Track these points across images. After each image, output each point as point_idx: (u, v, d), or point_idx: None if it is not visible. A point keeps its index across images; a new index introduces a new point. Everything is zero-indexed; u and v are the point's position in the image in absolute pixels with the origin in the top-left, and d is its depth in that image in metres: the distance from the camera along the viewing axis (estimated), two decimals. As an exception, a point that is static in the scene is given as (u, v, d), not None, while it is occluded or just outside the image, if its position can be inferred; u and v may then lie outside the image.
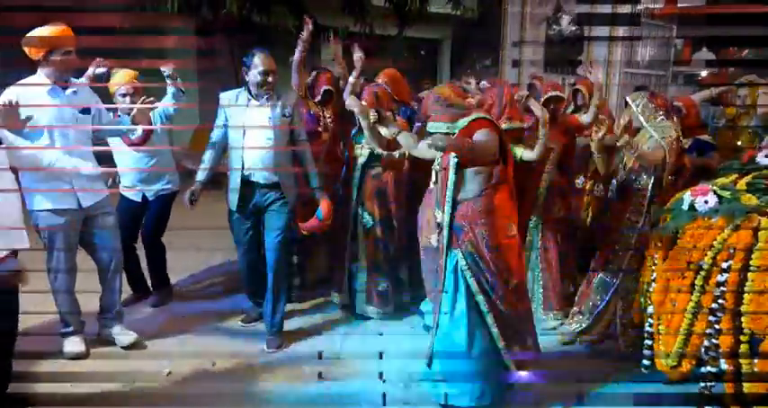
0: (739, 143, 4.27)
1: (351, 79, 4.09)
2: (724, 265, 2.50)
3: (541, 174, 3.87)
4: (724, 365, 2.49)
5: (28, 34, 3.02)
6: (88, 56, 3.58)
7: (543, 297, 3.93)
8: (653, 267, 2.98)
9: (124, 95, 3.73)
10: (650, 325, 3.00)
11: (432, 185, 3.51)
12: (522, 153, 3.56)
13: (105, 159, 3.88)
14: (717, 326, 2.51)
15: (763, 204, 2.57)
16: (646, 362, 3.02)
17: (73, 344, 3.34)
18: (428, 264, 3.37)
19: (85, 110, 3.22)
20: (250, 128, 3.37)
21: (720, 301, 2.49)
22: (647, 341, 3.03)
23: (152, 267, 4.14)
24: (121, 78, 3.78)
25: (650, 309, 2.97)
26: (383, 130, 3.33)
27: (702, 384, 2.60)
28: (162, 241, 4.13)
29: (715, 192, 2.76)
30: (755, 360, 2.38)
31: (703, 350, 2.59)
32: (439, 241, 2.91)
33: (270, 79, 3.34)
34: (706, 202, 2.73)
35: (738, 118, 4.45)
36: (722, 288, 2.49)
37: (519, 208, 2.96)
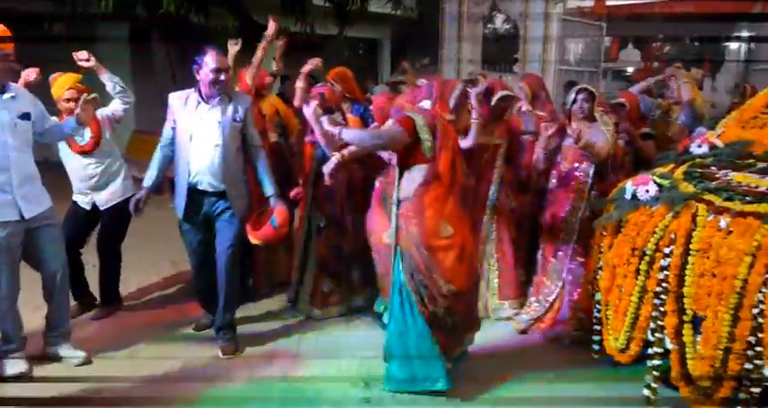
0: (669, 134, 4.49)
1: (298, 84, 4.05)
2: (666, 250, 2.61)
3: (494, 169, 3.96)
4: (669, 345, 2.60)
5: None
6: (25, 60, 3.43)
7: (498, 286, 4.02)
8: (599, 255, 3.08)
9: (68, 100, 3.58)
10: (599, 311, 3.09)
11: (377, 184, 3.58)
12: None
13: (54, 166, 3.77)
14: (661, 308, 2.62)
15: (700, 191, 2.68)
16: (596, 347, 3.14)
17: (14, 364, 3.14)
18: (381, 265, 3.46)
19: (25, 116, 3.05)
20: (198, 132, 3.26)
21: (664, 284, 2.60)
22: (597, 326, 3.15)
23: (104, 278, 3.97)
24: (64, 82, 3.61)
25: (598, 296, 3.07)
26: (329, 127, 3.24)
27: (650, 363, 2.73)
28: (118, 251, 3.96)
29: (655, 181, 2.89)
30: (698, 338, 2.49)
31: (650, 332, 2.70)
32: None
33: (222, 77, 3.23)
34: (647, 191, 2.84)
35: (671, 109, 4.68)
36: (665, 272, 2.59)
37: (475, 202, 3.02)
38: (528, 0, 11.50)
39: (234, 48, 3.91)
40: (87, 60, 3.55)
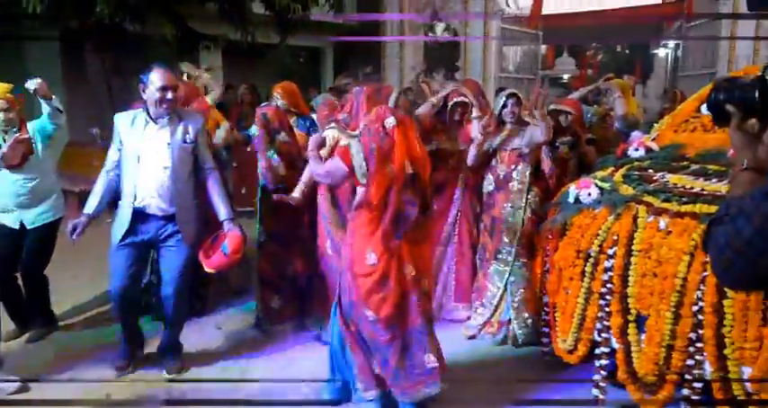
0: (607, 138, 4.64)
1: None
2: (609, 251, 2.68)
3: (459, 174, 4.07)
4: (615, 344, 2.66)
5: None
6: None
7: (455, 289, 4.07)
8: (546, 258, 3.15)
9: None
10: (546, 314, 3.17)
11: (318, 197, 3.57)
12: None
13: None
14: (607, 309, 2.68)
15: (639, 193, 2.78)
16: (545, 349, 3.19)
17: None
18: (329, 275, 3.45)
19: None
20: (146, 154, 3.10)
21: (608, 285, 2.66)
22: (545, 329, 3.22)
23: (32, 302, 3.76)
24: None
25: (546, 298, 3.14)
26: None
27: (597, 363, 2.79)
28: (44, 274, 3.75)
29: (596, 185, 2.98)
30: (643, 337, 2.57)
31: (596, 332, 2.76)
32: None
33: (169, 96, 3.06)
34: (589, 194, 2.93)
35: (607, 115, 4.84)
36: (609, 273, 2.66)
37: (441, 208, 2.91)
38: (468, 8, 11.74)
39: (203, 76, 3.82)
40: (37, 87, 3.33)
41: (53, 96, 3.45)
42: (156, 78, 3.06)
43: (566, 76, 20.28)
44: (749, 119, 1.29)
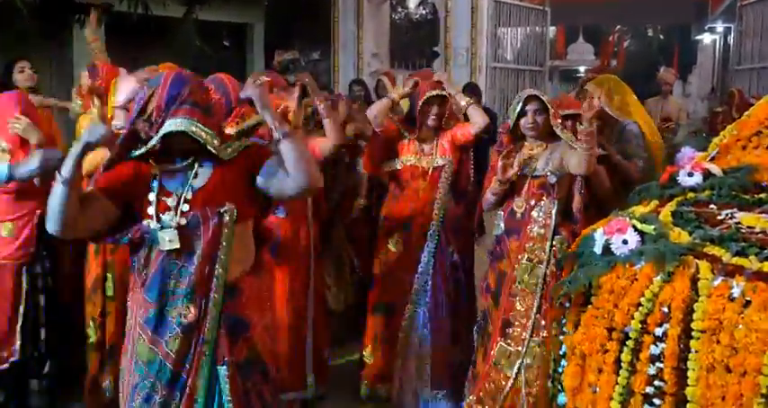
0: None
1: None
2: (658, 331, 2.48)
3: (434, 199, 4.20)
4: (668, 472, 2.47)
5: None
6: None
7: (432, 373, 4.11)
8: (561, 337, 2.94)
9: None
10: (563, 419, 3.01)
11: None
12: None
13: None
14: (655, 418, 2.53)
15: (699, 242, 2.59)
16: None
17: None
18: None
19: None
20: None
21: (657, 383, 2.47)
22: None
23: None
24: None
25: (562, 398, 2.92)
26: None
27: None
28: None
29: (635, 227, 2.76)
30: (710, 465, 2.36)
31: (639, 452, 2.59)
32: None
33: None
34: (625, 242, 2.71)
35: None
36: (658, 365, 2.47)
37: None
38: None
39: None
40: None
41: None
42: None
43: (582, 69, 20.68)
44: None
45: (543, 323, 3.54)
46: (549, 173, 3.63)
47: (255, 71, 5.81)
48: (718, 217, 2.79)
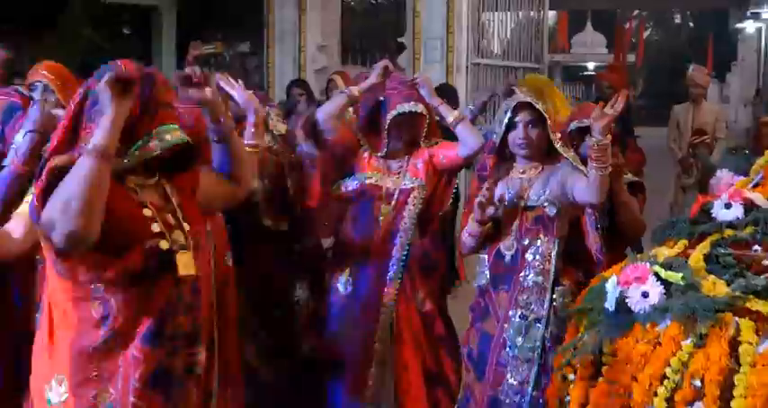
0: None
1: None
2: None
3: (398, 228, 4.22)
4: None
5: None
6: None
7: None
8: None
9: None
10: None
11: None
12: None
13: None
14: None
15: (739, 294, 2.55)
16: None
17: None
18: None
19: None
20: None
21: None
22: None
23: None
24: None
25: None
26: None
27: None
28: None
29: (658, 275, 2.75)
30: None
31: None
32: None
33: None
34: (645, 295, 2.71)
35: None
36: None
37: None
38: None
39: None
40: None
41: None
42: None
43: (590, 65, 21.03)
44: None
45: (542, 401, 3.44)
46: (546, 204, 3.52)
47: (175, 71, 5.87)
48: (764, 262, 2.79)
